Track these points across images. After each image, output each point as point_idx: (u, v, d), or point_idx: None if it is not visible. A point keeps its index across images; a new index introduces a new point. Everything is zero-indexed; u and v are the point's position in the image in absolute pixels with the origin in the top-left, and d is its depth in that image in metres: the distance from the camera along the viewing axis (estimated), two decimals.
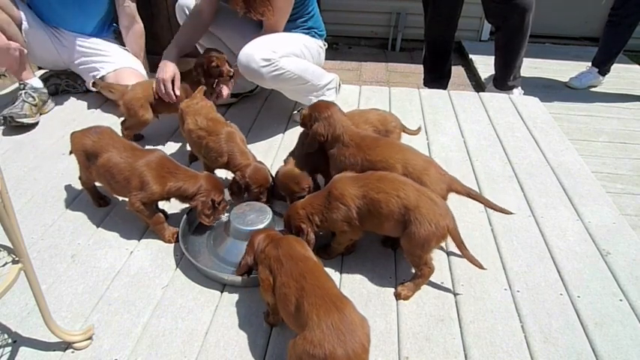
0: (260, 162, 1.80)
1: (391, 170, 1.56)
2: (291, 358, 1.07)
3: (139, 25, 2.72)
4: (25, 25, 2.46)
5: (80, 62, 2.66)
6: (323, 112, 1.71)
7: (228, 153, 1.77)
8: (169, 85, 2.12)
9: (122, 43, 2.78)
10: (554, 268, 1.61)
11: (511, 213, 1.61)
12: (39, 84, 2.51)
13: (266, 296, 1.25)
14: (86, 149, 1.66)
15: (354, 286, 1.51)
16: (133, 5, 2.65)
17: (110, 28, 2.79)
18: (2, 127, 2.38)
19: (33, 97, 2.43)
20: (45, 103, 2.53)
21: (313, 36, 2.38)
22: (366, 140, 1.66)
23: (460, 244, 1.42)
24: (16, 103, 2.39)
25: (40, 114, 2.50)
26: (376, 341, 1.30)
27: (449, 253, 1.63)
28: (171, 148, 2.28)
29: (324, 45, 2.47)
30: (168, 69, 2.14)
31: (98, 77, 2.57)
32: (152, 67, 2.87)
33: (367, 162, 1.61)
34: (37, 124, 2.43)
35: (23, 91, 2.42)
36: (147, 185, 1.56)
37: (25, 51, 2.44)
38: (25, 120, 2.34)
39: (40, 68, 2.85)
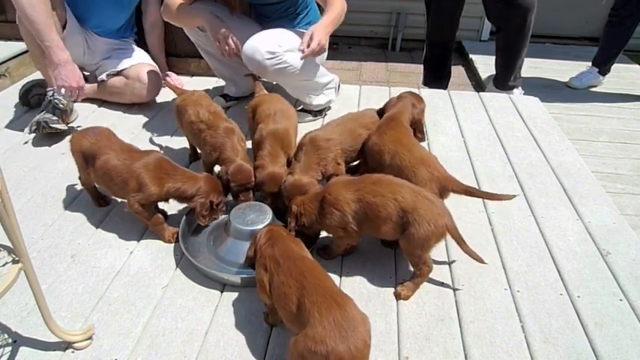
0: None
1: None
2: (293, 356, 1.07)
3: (162, 23, 2.74)
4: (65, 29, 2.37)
5: (100, 63, 2.65)
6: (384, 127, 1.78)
7: (220, 147, 1.76)
8: (231, 40, 2.12)
9: (141, 48, 2.81)
10: (554, 268, 1.61)
11: (511, 197, 1.61)
12: None
13: (262, 296, 1.25)
14: (84, 151, 1.66)
15: (354, 286, 1.51)
16: (158, 2, 2.65)
17: (132, 32, 2.80)
18: (34, 135, 2.28)
19: (63, 103, 2.33)
20: (71, 111, 2.44)
21: None
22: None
23: (459, 240, 1.43)
24: (47, 110, 2.29)
25: (67, 124, 2.39)
26: (376, 341, 1.30)
27: (449, 254, 1.63)
28: (170, 148, 2.28)
29: None
30: (222, 24, 2.13)
31: (119, 69, 2.57)
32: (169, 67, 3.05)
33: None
34: (67, 132, 2.30)
35: (53, 97, 2.32)
36: (145, 187, 1.56)
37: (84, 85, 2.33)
38: (58, 126, 2.25)
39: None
